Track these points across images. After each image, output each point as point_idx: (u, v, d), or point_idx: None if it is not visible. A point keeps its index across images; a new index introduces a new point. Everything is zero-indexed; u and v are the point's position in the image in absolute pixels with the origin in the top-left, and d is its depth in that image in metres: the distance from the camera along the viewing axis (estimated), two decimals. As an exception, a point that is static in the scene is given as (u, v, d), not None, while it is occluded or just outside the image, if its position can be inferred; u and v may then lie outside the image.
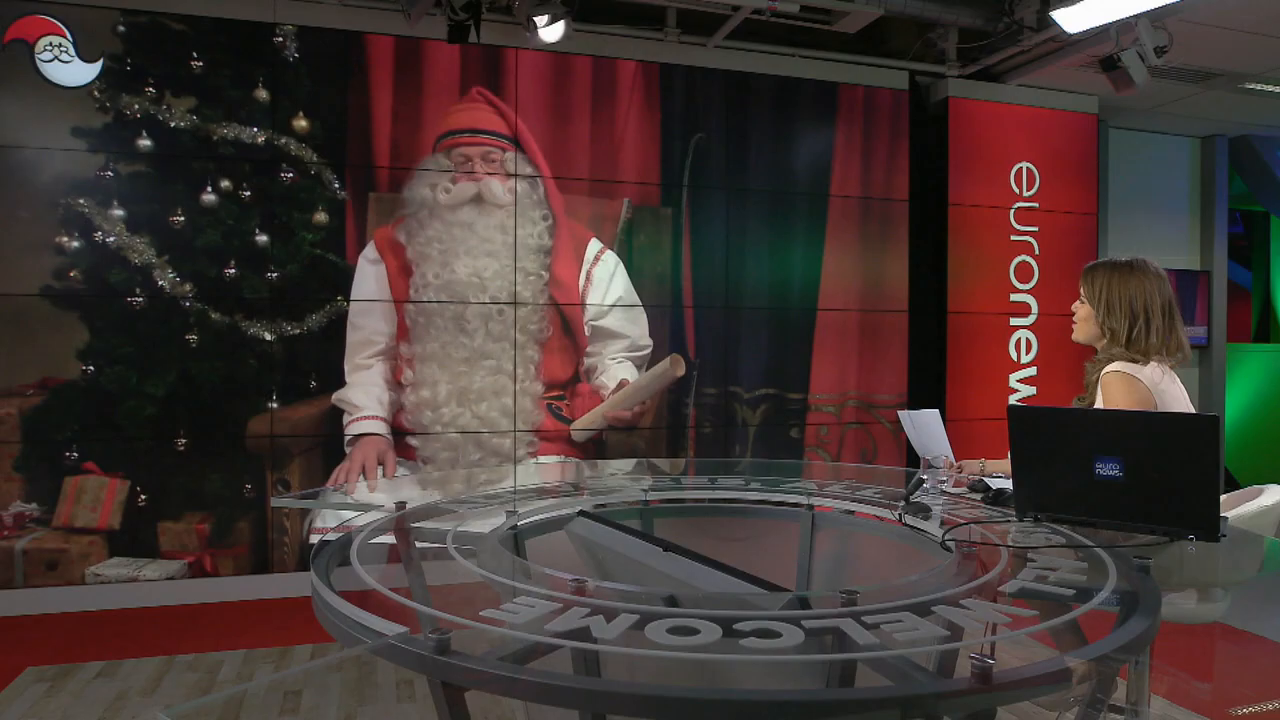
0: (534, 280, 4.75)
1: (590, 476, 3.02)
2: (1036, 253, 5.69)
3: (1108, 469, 1.72)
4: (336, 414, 4.47)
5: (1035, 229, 5.69)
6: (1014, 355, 5.67)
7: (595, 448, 4.90)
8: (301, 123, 4.40)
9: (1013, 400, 5.65)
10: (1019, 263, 5.66)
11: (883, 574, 2.04)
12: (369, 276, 4.51)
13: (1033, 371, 5.69)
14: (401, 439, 4.56)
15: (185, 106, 4.25)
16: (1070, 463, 1.77)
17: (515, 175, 4.70)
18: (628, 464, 4.42)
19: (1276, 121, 6.37)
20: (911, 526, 1.97)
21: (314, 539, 4.41)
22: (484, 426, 4.68)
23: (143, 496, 4.22)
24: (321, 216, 4.44)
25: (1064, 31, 4.34)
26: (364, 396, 4.51)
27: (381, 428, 4.53)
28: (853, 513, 2.21)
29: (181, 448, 4.26)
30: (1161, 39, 4.38)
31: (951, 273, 5.51)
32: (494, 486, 3.18)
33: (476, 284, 4.64)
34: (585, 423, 4.88)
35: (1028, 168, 5.67)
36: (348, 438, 4.49)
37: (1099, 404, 2.19)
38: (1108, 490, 1.72)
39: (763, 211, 5.18)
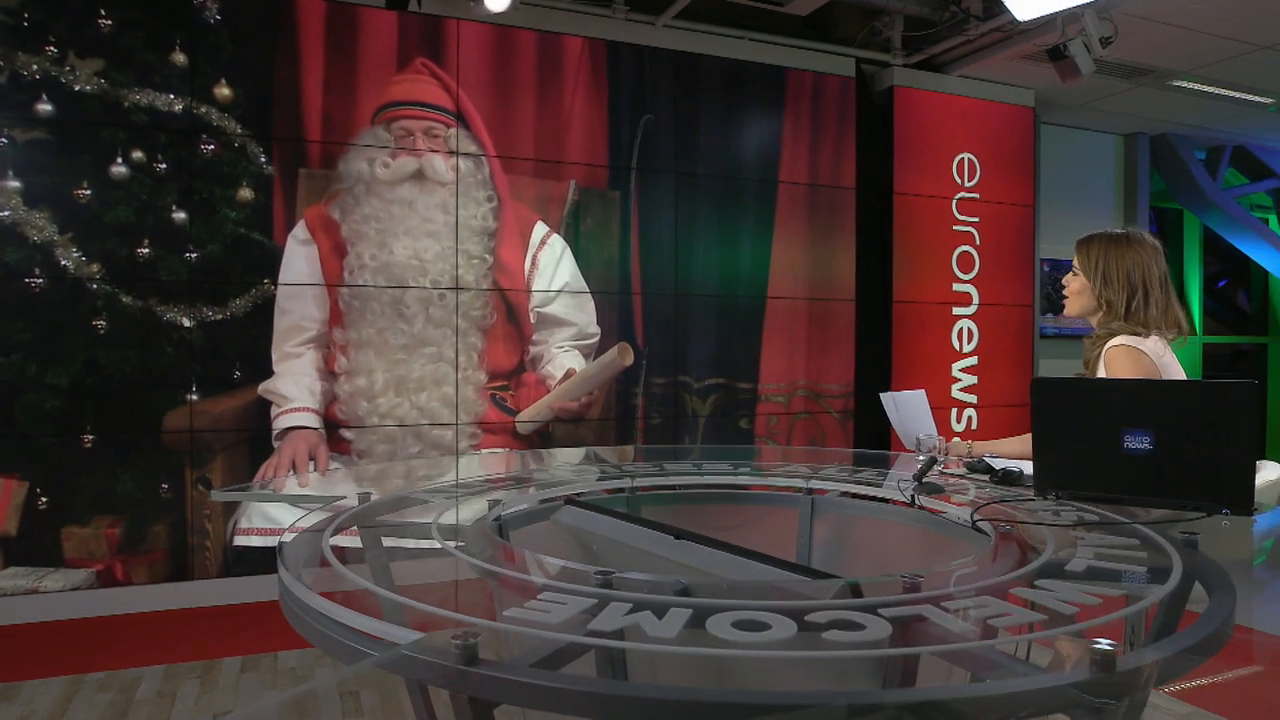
0: (477, 264, 4.51)
1: (554, 466, 2.82)
2: (978, 243, 5.74)
3: (1137, 442, 1.64)
4: (263, 406, 4.14)
5: (976, 220, 5.74)
6: (956, 345, 5.70)
7: (541, 439, 4.69)
8: (224, 91, 4.06)
9: (955, 390, 5.69)
10: (961, 253, 5.70)
11: (899, 560, 1.91)
12: (299, 257, 4.19)
13: (974, 361, 5.74)
14: (335, 432, 4.26)
15: (92, 69, 3.85)
16: (1097, 436, 1.68)
17: (458, 153, 4.45)
18: (578, 453, 4.23)
19: (1196, 120, 6.61)
20: (926, 509, 1.85)
21: (239, 541, 4.13)
22: (424, 418, 4.42)
23: (43, 499, 3.81)
24: (246, 193, 4.10)
25: (1014, 19, 4.34)
26: (293, 387, 4.19)
27: (313, 420, 4.22)
28: (852, 495, 2.08)
29: (89, 444, 3.87)
30: (1106, 30, 4.44)
31: (897, 262, 5.50)
32: (438, 481, 2.94)
33: (416, 267, 4.37)
34: (531, 414, 4.66)
35: (969, 158, 5.71)
36: (276, 431, 4.17)
37: (1101, 380, 2.12)
38: (1136, 464, 1.63)
39: (712, 196, 5.06)
